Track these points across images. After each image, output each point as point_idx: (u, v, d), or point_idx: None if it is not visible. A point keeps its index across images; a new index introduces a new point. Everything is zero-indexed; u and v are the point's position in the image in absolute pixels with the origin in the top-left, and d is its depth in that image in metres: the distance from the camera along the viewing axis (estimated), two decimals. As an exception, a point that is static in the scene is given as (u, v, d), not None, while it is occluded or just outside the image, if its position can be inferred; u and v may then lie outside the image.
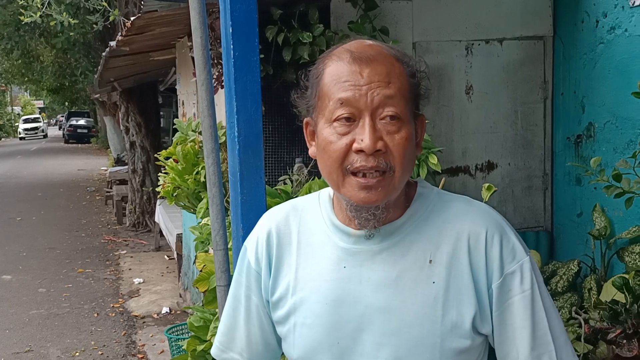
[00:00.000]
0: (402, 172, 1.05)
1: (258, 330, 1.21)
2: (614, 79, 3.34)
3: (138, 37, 4.57)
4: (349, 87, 1.03)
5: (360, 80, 1.03)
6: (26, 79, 21.26)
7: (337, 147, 1.04)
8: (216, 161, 1.80)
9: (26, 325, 5.47)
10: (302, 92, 1.13)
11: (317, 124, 1.09)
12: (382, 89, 1.03)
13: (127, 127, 9.63)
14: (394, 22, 3.59)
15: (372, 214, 1.06)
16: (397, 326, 1.08)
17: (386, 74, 1.04)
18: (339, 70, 1.05)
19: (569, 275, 3.16)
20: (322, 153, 1.08)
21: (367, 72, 1.03)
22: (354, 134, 1.03)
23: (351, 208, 1.08)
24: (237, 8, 1.63)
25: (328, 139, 1.05)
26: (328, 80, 1.06)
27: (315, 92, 1.09)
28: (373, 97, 1.02)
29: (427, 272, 1.08)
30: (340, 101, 1.03)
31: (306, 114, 1.14)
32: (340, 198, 1.11)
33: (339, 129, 1.04)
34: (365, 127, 1.02)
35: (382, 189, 1.04)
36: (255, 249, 1.20)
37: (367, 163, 1.02)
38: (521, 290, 1.08)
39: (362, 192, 1.04)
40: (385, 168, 1.03)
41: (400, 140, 1.03)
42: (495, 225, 1.11)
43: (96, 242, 8.76)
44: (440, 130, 3.76)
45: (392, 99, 1.03)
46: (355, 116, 1.03)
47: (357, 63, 1.04)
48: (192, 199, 3.90)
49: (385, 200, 1.06)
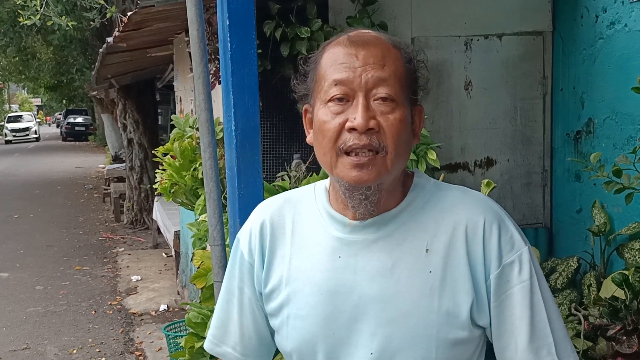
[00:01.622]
0: (396, 154, 1.05)
1: (251, 324, 1.20)
2: (614, 75, 3.32)
3: (135, 33, 4.55)
4: (343, 69, 1.05)
5: (355, 62, 1.04)
6: (23, 77, 21.20)
7: (330, 126, 1.05)
8: (213, 155, 1.78)
9: (23, 322, 5.45)
10: (302, 79, 1.14)
11: (314, 107, 1.10)
12: (376, 70, 1.04)
13: (125, 124, 9.60)
14: (393, 17, 3.57)
15: (365, 194, 1.05)
16: (393, 316, 1.06)
17: (381, 56, 1.05)
18: (336, 54, 1.07)
19: (568, 271, 3.15)
20: (317, 134, 1.08)
21: (363, 54, 1.05)
22: (347, 113, 1.04)
23: (344, 190, 1.07)
24: (234, 0, 1.61)
25: (322, 119, 1.06)
26: (325, 63, 1.08)
27: (313, 76, 1.11)
28: (367, 78, 1.04)
29: (424, 261, 1.07)
30: (334, 82, 1.05)
31: (304, 100, 1.14)
32: (334, 181, 1.11)
33: (333, 109, 1.05)
34: (359, 106, 1.03)
35: (373, 167, 1.03)
36: (249, 240, 1.19)
37: (360, 141, 1.03)
38: (520, 280, 1.07)
39: (354, 170, 1.03)
40: (377, 147, 1.03)
41: (394, 121, 1.04)
42: (493, 214, 1.10)
43: (94, 239, 8.73)
44: (439, 126, 3.74)
45: (386, 80, 1.04)
46: (349, 96, 1.04)
47: (354, 46, 1.06)
48: (190, 195, 3.88)
49: (378, 182, 1.05)
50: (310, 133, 1.13)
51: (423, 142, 2.94)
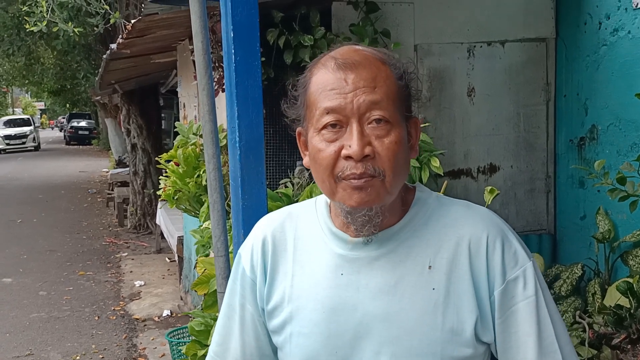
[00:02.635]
0: (394, 176, 1.03)
1: (253, 340, 1.19)
2: (617, 81, 3.32)
3: (139, 39, 4.56)
4: (334, 96, 1.02)
5: (346, 87, 1.02)
6: (27, 81, 21.26)
7: (326, 155, 1.03)
8: (217, 167, 1.78)
9: (27, 328, 5.45)
10: (292, 102, 1.12)
11: (307, 133, 1.08)
12: (367, 94, 1.02)
13: (129, 129, 9.62)
14: (396, 24, 3.58)
15: (367, 216, 1.04)
16: (397, 334, 1.06)
17: (372, 78, 1.03)
18: (324, 79, 1.04)
19: (572, 279, 3.14)
20: (313, 162, 1.07)
21: (352, 78, 1.02)
22: (342, 140, 1.02)
23: (346, 214, 1.06)
24: (238, 12, 1.62)
25: (317, 147, 1.04)
26: (314, 89, 1.05)
27: (303, 101, 1.08)
28: (360, 103, 1.01)
29: (427, 278, 1.06)
30: (326, 110, 1.03)
31: (298, 124, 1.12)
32: (336, 205, 1.10)
33: (327, 136, 1.03)
34: (353, 132, 1.01)
35: (372, 190, 1.02)
36: (250, 256, 1.18)
37: (357, 170, 1.01)
38: (525, 296, 1.06)
39: (355, 193, 1.02)
40: (374, 174, 1.02)
41: (389, 144, 1.02)
42: (496, 229, 1.09)
43: (97, 244, 8.74)
44: (442, 133, 3.74)
45: (379, 103, 1.02)
46: (342, 122, 1.03)
47: (342, 70, 1.03)
48: (193, 202, 3.88)
49: (380, 204, 1.04)
50: (306, 155, 1.11)
51: (426, 149, 2.94)
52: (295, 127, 1.14)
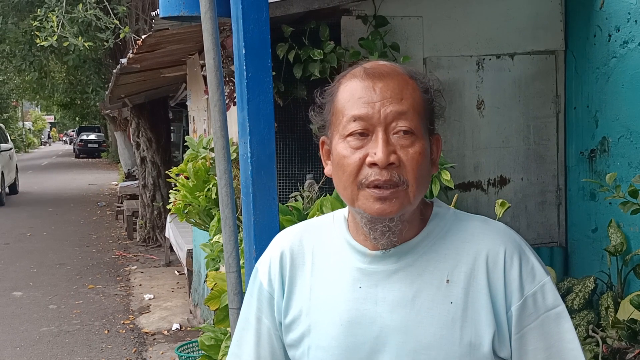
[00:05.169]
0: (417, 186, 1.05)
1: (268, 355, 1.19)
2: (628, 93, 3.31)
3: (149, 54, 4.60)
4: (362, 104, 1.05)
5: (374, 96, 1.04)
6: (37, 96, 21.44)
7: (351, 161, 1.05)
8: (229, 182, 1.79)
9: (37, 342, 5.46)
10: (319, 110, 1.14)
11: (332, 140, 1.10)
12: (394, 104, 1.04)
13: (138, 142, 9.67)
14: (405, 38, 3.59)
15: (387, 226, 1.05)
16: (414, 347, 1.06)
17: (399, 89, 1.05)
18: (353, 87, 1.07)
19: (585, 292, 3.12)
20: (336, 168, 1.08)
21: (380, 87, 1.05)
22: (367, 148, 1.04)
23: (366, 222, 1.07)
24: (250, 29, 1.63)
25: (342, 154, 1.06)
26: (342, 96, 1.08)
27: (330, 109, 1.11)
28: (387, 112, 1.04)
29: (445, 292, 1.07)
30: (353, 117, 1.05)
31: (322, 132, 1.14)
32: (355, 213, 1.10)
33: (353, 143, 1.05)
34: (379, 140, 1.03)
35: (396, 200, 1.04)
36: (268, 270, 1.19)
37: (381, 177, 1.03)
38: (544, 310, 1.06)
39: (377, 203, 1.04)
40: (398, 182, 1.03)
41: (414, 154, 1.04)
42: (514, 245, 1.09)
43: (107, 257, 8.76)
44: (451, 146, 3.73)
45: (405, 114, 1.04)
46: (368, 131, 1.05)
47: (370, 78, 1.06)
48: (203, 216, 3.89)
49: (400, 213, 1.05)
50: (329, 164, 1.13)
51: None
52: (318, 136, 1.16)
